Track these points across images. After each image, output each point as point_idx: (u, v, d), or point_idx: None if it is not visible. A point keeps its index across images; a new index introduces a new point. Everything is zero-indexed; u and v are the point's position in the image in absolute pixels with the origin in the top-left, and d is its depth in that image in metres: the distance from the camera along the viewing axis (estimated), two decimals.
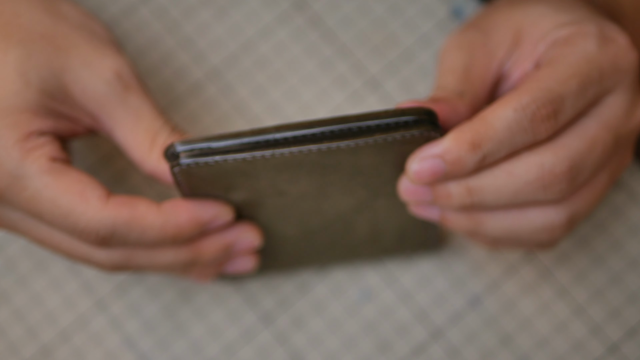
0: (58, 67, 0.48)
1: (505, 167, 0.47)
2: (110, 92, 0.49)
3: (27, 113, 0.47)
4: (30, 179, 0.47)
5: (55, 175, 0.47)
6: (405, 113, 0.44)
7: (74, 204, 0.47)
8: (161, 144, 0.49)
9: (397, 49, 0.61)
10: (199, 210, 0.49)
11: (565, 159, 0.47)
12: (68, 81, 0.48)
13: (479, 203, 0.48)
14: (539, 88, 0.46)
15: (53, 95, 0.48)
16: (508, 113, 0.45)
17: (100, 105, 0.49)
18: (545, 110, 0.46)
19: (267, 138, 0.44)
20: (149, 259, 0.50)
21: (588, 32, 0.48)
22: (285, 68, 0.61)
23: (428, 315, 0.58)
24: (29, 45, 0.48)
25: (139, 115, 0.49)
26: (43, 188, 0.47)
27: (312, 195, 0.49)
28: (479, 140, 0.45)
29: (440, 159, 0.46)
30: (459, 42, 0.51)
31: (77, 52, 0.49)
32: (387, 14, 0.62)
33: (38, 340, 0.57)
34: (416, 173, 0.47)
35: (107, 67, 0.49)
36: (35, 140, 0.47)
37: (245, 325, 0.58)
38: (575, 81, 0.46)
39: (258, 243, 0.52)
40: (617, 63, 0.48)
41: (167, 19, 0.62)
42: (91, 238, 0.47)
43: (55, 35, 0.49)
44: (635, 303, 0.57)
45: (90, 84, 0.49)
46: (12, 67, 0.47)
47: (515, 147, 0.46)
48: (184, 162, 0.45)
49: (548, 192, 0.47)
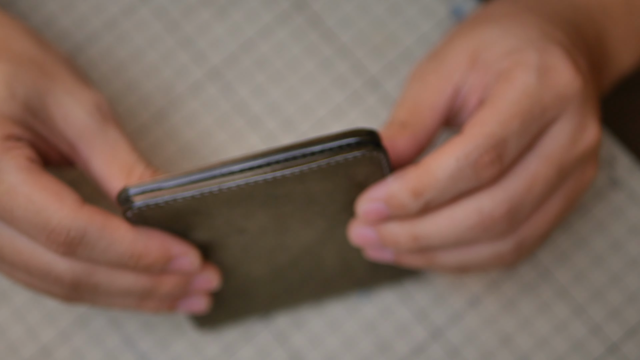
0: (43, 89, 0.49)
1: (446, 213, 0.48)
2: (91, 121, 0.50)
3: (10, 120, 0.48)
4: (7, 173, 0.47)
5: (33, 173, 0.47)
6: (347, 135, 0.45)
7: (49, 201, 0.47)
8: (137, 177, 0.50)
9: (397, 49, 0.61)
10: (171, 242, 0.49)
11: (503, 202, 0.48)
12: (51, 104, 0.49)
13: (426, 247, 0.49)
14: (481, 134, 0.46)
15: (35, 114, 0.49)
16: (450, 162, 0.46)
17: (79, 133, 0.50)
18: (489, 157, 0.46)
19: (213, 173, 0.45)
20: (109, 278, 0.49)
21: (527, 63, 0.48)
22: (285, 68, 0.61)
23: (427, 316, 0.58)
24: (18, 64, 0.49)
25: (116, 148, 0.50)
26: (19, 183, 0.47)
27: (271, 229, 0.50)
28: (422, 188, 0.47)
29: (384, 202, 0.48)
30: (414, 74, 0.52)
31: (62, 81, 0.50)
32: (387, 14, 0.62)
33: (38, 340, 0.58)
34: (364, 213, 0.49)
35: (89, 98, 0.50)
36: (15, 142, 0.48)
37: (245, 325, 0.58)
38: (517, 121, 0.47)
39: (216, 284, 0.52)
40: (560, 92, 0.48)
41: (167, 19, 0.62)
42: (60, 239, 0.47)
43: (43, 62, 0.50)
44: (635, 303, 0.57)
45: (72, 110, 0.50)
46: (0, 78, 0.48)
47: (459, 192, 0.47)
48: (136, 206, 0.46)
49: (490, 233, 0.48)
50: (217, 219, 0.48)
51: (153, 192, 0.46)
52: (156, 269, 0.49)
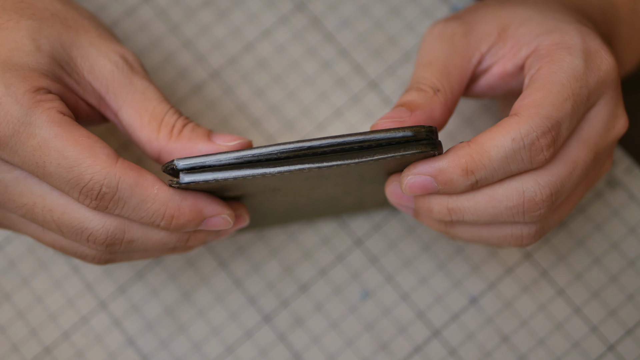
0: (67, 41, 0.48)
1: (486, 191, 0.47)
2: (117, 71, 0.49)
3: (38, 72, 0.47)
4: (40, 127, 0.46)
5: (65, 126, 0.46)
6: (406, 130, 0.45)
7: (82, 156, 0.45)
8: (171, 125, 0.49)
9: (397, 52, 0.61)
10: (205, 203, 0.48)
11: (546, 186, 0.47)
12: (76, 56, 0.49)
13: (457, 221, 0.49)
14: (538, 115, 0.46)
15: (62, 65, 0.48)
16: (506, 142, 0.46)
17: (106, 84, 0.49)
18: (545, 140, 0.46)
19: (265, 155, 0.44)
20: (144, 234, 0.48)
21: (573, 46, 0.48)
22: (286, 70, 0.61)
23: (427, 315, 0.58)
24: (41, 20, 0.48)
25: (146, 97, 0.49)
26: (52, 137, 0.46)
27: (305, 189, 0.50)
28: (473, 166, 0.46)
29: (433, 178, 0.47)
30: (441, 32, 0.51)
31: (86, 34, 0.49)
32: (387, 17, 0.62)
33: (39, 340, 0.58)
34: (408, 186, 0.47)
35: (114, 50, 0.49)
36: (45, 94, 0.47)
37: (245, 325, 0.58)
38: (570, 103, 0.46)
39: (247, 223, 0.52)
40: (602, 76, 0.48)
41: (169, 21, 0.62)
42: (92, 194, 0.46)
43: (66, 17, 0.49)
44: (634, 303, 0.57)
45: (97, 61, 0.49)
46: (25, 33, 0.47)
47: (510, 173, 0.47)
48: (183, 182, 0.45)
49: (527, 216, 0.48)
50: (257, 186, 0.47)
51: (202, 168, 0.45)
52: (189, 229, 0.48)
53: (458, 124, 0.60)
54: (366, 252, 0.59)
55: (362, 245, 0.59)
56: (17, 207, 0.48)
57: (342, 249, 0.59)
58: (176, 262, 0.59)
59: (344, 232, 0.59)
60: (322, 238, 0.59)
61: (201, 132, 0.49)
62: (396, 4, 0.62)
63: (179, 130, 0.49)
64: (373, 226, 0.59)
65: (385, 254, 0.59)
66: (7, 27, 0.47)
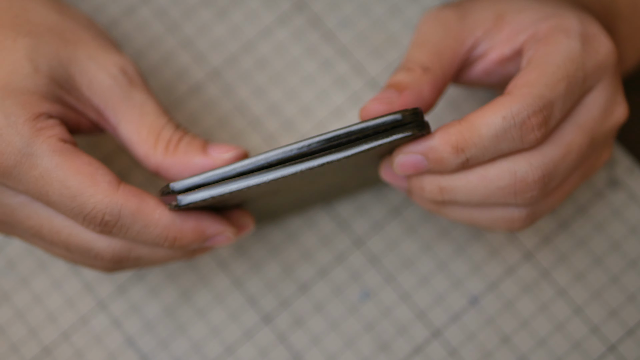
0: (65, 58, 0.48)
1: (478, 171, 0.47)
2: (116, 86, 0.49)
3: (37, 95, 0.47)
4: (41, 157, 0.46)
5: (66, 155, 0.46)
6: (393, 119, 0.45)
7: (83, 185, 0.46)
8: (167, 139, 0.49)
9: (397, 51, 0.61)
10: (207, 223, 0.49)
11: (538, 167, 0.47)
12: (75, 73, 0.49)
13: (449, 201, 0.49)
14: (529, 94, 0.46)
15: (61, 85, 0.48)
16: (496, 120, 0.45)
17: (105, 99, 0.49)
18: (536, 119, 0.45)
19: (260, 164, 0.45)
20: (150, 252, 0.49)
21: (571, 29, 0.48)
22: (286, 69, 0.61)
23: (427, 315, 0.58)
24: (37, 36, 0.48)
25: (144, 111, 0.49)
26: (53, 167, 0.46)
27: (303, 185, 0.50)
28: (464, 144, 0.46)
29: (423, 156, 0.47)
30: (436, 16, 0.51)
31: (84, 47, 0.49)
32: (387, 15, 0.62)
33: (39, 341, 0.58)
34: (399, 165, 0.48)
35: (113, 62, 0.49)
36: (45, 121, 0.47)
37: (245, 325, 0.58)
38: (564, 84, 0.46)
39: (252, 230, 0.52)
40: (600, 61, 0.48)
41: (168, 20, 0.62)
42: (96, 222, 0.46)
43: (63, 30, 0.49)
44: (634, 303, 0.57)
45: (96, 76, 0.49)
46: (22, 54, 0.47)
47: (500, 153, 0.47)
48: (182, 204, 0.46)
49: (519, 198, 0.47)
50: (256, 193, 0.48)
51: (198, 187, 0.45)
52: (193, 247, 0.49)
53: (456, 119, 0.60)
54: (366, 252, 0.59)
55: (363, 246, 0.59)
56: (26, 229, 0.49)
57: (342, 249, 0.59)
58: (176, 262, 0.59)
59: (344, 232, 0.59)
60: (322, 238, 0.59)
61: (197, 145, 0.50)
62: (396, 3, 0.62)
63: (175, 145, 0.49)
64: (373, 226, 0.59)
65: (386, 254, 0.59)
66: (4, 47, 0.48)
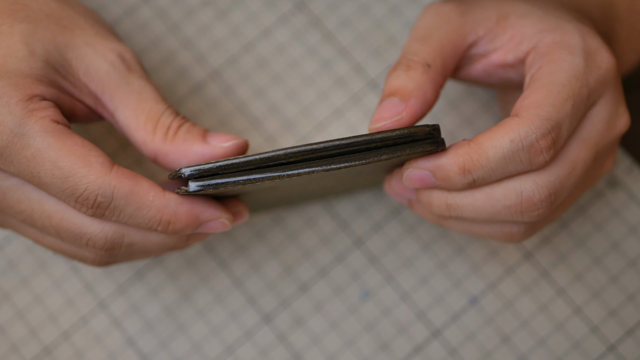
0: (62, 43, 0.48)
1: (485, 190, 0.47)
2: (113, 71, 0.49)
3: (31, 78, 0.47)
4: (33, 137, 0.45)
5: (58, 136, 0.46)
6: (411, 130, 0.45)
7: (76, 166, 0.45)
8: (166, 126, 0.49)
9: (397, 51, 0.61)
10: (202, 208, 0.48)
11: (544, 187, 0.47)
12: (71, 58, 0.48)
13: (455, 217, 0.49)
14: (537, 116, 0.46)
15: (56, 69, 0.48)
16: (504, 143, 0.46)
17: (103, 84, 0.49)
18: (545, 142, 0.46)
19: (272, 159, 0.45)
20: (144, 237, 0.48)
21: (573, 45, 0.48)
22: (286, 70, 0.61)
23: (427, 315, 0.58)
24: (35, 22, 0.48)
25: (142, 97, 0.49)
26: (45, 148, 0.45)
27: (303, 184, 0.50)
28: (471, 166, 0.46)
29: (431, 173, 0.47)
30: (437, 10, 0.51)
31: (82, 33, 0.49)
32: (387, 16, 0.62)
33: (39, 341, 0.58)
34: (408, 178, 0.48)
35: (110, 49, 0.49)
36: (38, 102, 0.46)
37: (245, 325, 0.58)
38: (570, 104, 0.46)
39: (246, 218, 0.52)
40: (602, 75, 0.48)
41: (168, 21, 0.62)
42: (88, 204, 0.46)
43: (61, 16, 0.49)
44: (634, 303, 0.57)
45: (93, 62, 0.49)
46: (18, 37, 0.47)
47: (509, 174, 0.47)
48: (193, 189, 0.45)
49: (525, 216, 0.48)
50: (257, 187, 0.48)
51: (209, 174, 0.45)
52: (187, 233, 0.48)
53: (459, 123, 0.60)
54: (366, 252, 0.59)
55: (363, 246, 0.59)
56: (16, 213, 0.48)
57: (342, 249, 0.59)
58: (176, 262, 0.59)
59: (344, 232, 0.59)
60: (322, 238, 0.59)
61: (196, 132, 0.49)
62: (396, 4, 0.62)
63: (174, 131, 0.49)
64: (373, 226, 0.59)
65: (385, 254, 0.59)
66: (1, 31, 0.47)
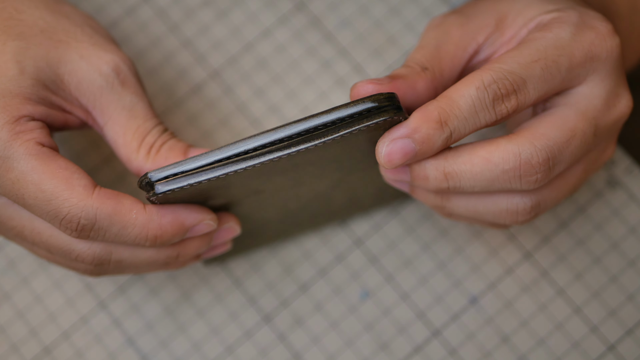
0: (55, 58, 0.49)
1: (482, 154, 0.47)
2: (106, 86, 0.49)
3: (20, 98, 0.47)
4: (17, 160, 0.46)
5: (42, 159, 0.47)
6: (365, 101, 0.45)
7: (58, 189, 0.46)
8: (150, 144, 0.49)
9: (396, 51, 0.61)
10: (185, 214, 0.48)
11: (542, 149, 0.47)
12: (64, 73, 0.49)
13: (454, 188, 0.49)
14: (500, 68, 0.47)
15: (47, 85, 0.48)
16: (471, 91, 0.46)
17: (94, 99, 0.49)
18: (505, 90, 0.46)
19: (235, 152, 0.45)
20: (132, 254, 0.49)
21: (567, 20, 0.48)
22: (286, 70, 0.61)
23: (427, 315, 0.58)
24: (28, 38, 0.48)
25: (132, 114, 0.50)
26: (29, 171, 0.46)
27: (288, 186, 0.50)
28: (446, 117, 0.46)
29: (409, 138, 0.46)
30: (437, 23, 0.51)
31: (77, 46, 0.49)
32: (387, 16, 0.62)
33: (39, 341, 0.58)
34: (387, 156, 0.47)
35: (106, 61, 0.49)
36: (25, 124, 0.47)
37: (245, 325, 0.58)
38: (539, 65, 0.47)
39: (238, 231, 0.52)
40: (592, 51, 0.48)
41: (168, 21, 0.62)
42: (72, 227, 0.46)
43: (56, 30, 0.49)
44: (634, 303, 0.57)
45: (86, 76, 0.49)
46: (10, 56, 0.48)
47: (478, 126, 0.47)
48: (159, 192, 0.46)
49: (523, 181, 0.48)
50: (236, 188, 0.48)
51: (175, 176, 0.45)
52: (175, 241, 0.49)
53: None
54: (366, 252, 0.59)
55: (362, 245, 0.59)
56: (7, 229, 0.50)
57: (342, 249, 0.59)
58: None
59: (344, 232, 0.59)
60: (322, 238, 0.59)
61: (178, 149, 0.50)
62: (396, 4, 0.62)
63: (157, 149, 0.50)
64: (373, 226, 0.59)
65: (385, 254, 0.59)
66: None
